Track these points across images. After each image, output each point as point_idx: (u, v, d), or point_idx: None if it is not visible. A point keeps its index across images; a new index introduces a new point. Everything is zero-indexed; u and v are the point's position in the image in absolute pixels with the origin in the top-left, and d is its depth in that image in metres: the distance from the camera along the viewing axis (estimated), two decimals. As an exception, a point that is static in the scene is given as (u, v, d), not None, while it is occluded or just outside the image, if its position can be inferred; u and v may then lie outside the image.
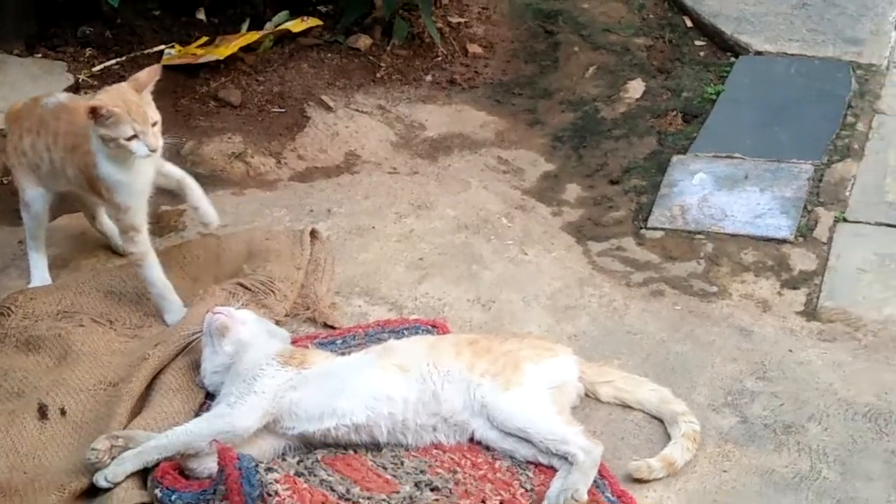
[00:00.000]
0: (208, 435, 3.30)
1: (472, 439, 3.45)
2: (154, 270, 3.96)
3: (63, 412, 3.55)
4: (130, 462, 3.28)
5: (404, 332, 3.88)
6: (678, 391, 3.61)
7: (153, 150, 3.73)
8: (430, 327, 3.92)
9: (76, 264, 4.29)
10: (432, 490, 3.27)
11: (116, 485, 3.26)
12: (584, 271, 4.30)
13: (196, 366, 3.68)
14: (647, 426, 3.53)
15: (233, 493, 3.06)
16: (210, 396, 3.62)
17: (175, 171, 4.06)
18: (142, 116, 3.70)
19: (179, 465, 3.31)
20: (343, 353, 3.71)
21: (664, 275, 4.27)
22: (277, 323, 3.89)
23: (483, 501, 3.24)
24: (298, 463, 3.36)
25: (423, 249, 4.37)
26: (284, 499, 3.04)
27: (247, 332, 3.62)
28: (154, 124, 3.75)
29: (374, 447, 3.43)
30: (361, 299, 4.12)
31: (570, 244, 4.48)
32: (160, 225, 4.51)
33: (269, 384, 3.41)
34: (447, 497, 3.26)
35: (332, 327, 3.99)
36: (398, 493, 3.26)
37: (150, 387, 3.64)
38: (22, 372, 3.73)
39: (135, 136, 3.69)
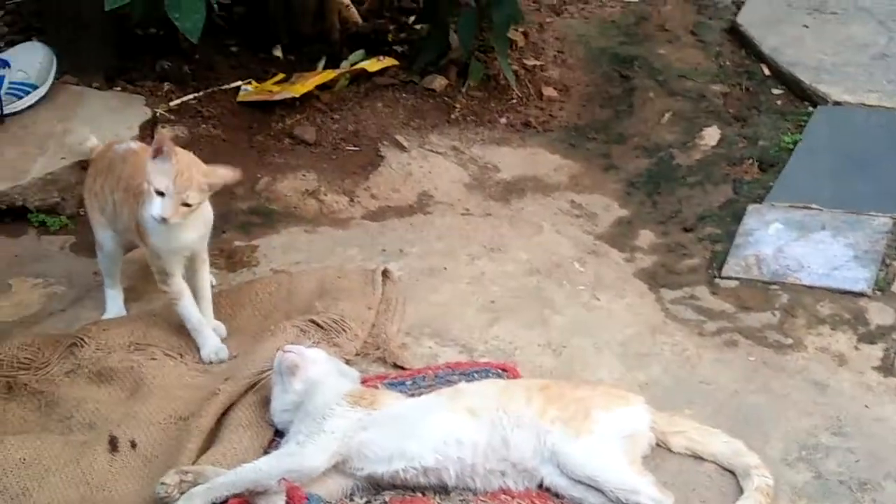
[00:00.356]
0: (277, 473, 3.29)
1: (540, 486, 3.42)
2: (188, 308, 4.00)
3: (133, 445, 3.56)
4: (199, 497, 3.27)
5: (474, 374, 3.86)
6: (751, 444, 3.54)
7: (163, 218, 3.68)
8: (500, 371, 3.89)
9: (149, 297, 4.30)
10: (490, 534, 3.26)
11: (184, 519, 3.27)
12: (656, 319, 4.26)
13: (266, 403, 3.68)
14: (720, 478, 3.48)
15: (301, 533, 3.06)
16: (279, 434, 3.62)
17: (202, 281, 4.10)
18: (183, 184, 3.68)
19: (248, 502, 3.30)
20: (413, 395, 3.70)
21: (738, 325, 4.22)
22: (347, 362, 3.88)
23: (550, 548, 3.22)
24: (366, 504, 3.35)
25: (494, 292, 4.35)
26: (352, 540, 3.02)
27: (317, 371, 3.62)
28: (186, 205, 3.71)
29: (442, 490, 3.40)
30: (432, 340, 4.10)
31: (642, 291, 4.44)
32: (233, 261, 4.53)
33: (338, 424, 3.40)
34: (514, 543, 3.23)
35: (402, 368, 3.96)
36: (460, 536, 3.25)
37: (219, 422, 3.64)
38: (94, 403, 3.76)
39: (161, 194, 3.66)
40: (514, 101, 5.75)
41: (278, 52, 6.07)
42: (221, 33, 6.07)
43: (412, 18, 6.34)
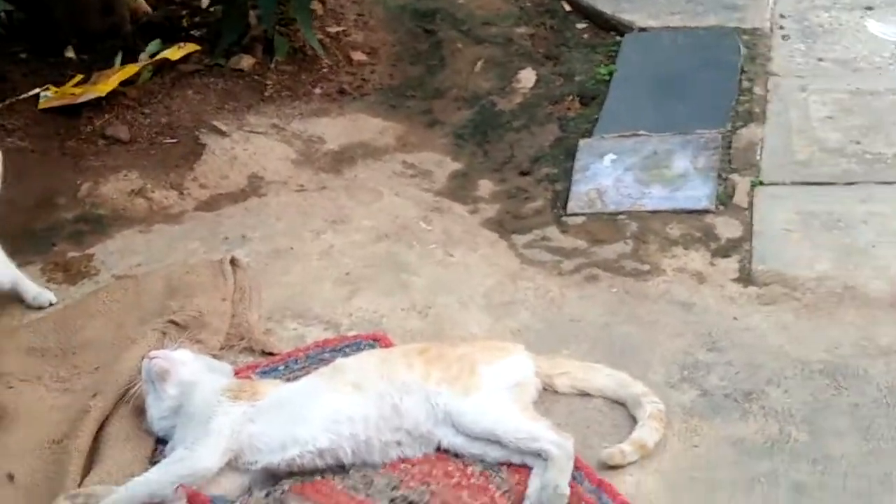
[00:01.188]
0: (171, 481, 3.18)
1: (439, 448, 3.38)
2: None
3: (11, 478, 3.39)
4: (95, 520, 3.15)
5: (346, 349, 3.80)
6: (633, 373, 3.57)
7: None
8: (371, 341, 3.84)
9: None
10: (409, 504, 3.21)
11: (82, 547, 3.13)
12: (513, 265, 4.26)
13: (140, 412, 3.54)
14: (611, 412, 3.50)
15: (210, 538, 2.96)
16: (161, 441, 3.49)
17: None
18: None
19: (145, 516, 3.19)
20: (289, 379, 3.62)
21: (594, 259, 4.24)
22: (214, 357, 3.77)
23: (463, 509, 3.18)
24: (266, 496, 3.25)
25: (347, 264, 4.28)
26: (266, 536, 2.94)
27: (188, 372, 3.50)
28: None
29: (341, 469, 3.34)
30: (295, 322, 4.02)
31: (493, 240, 4.43)
32: (70, 273, 4.35)
33: (224, 422, 3.30)
34: (426, 510, 3.19)
35: (272, 354, 3.87)
36: (376, 513, 3.19)
37: (96, 440, 3.50)
38: (-43, 442, 3.57)
39: None
40: (325, 70, 5.67)
41: (71, 53, 5.87)
42: (5, 41, 5.81)
43: (205, 1, 6.18)
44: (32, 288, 4.14)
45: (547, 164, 4.86)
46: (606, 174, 4.65)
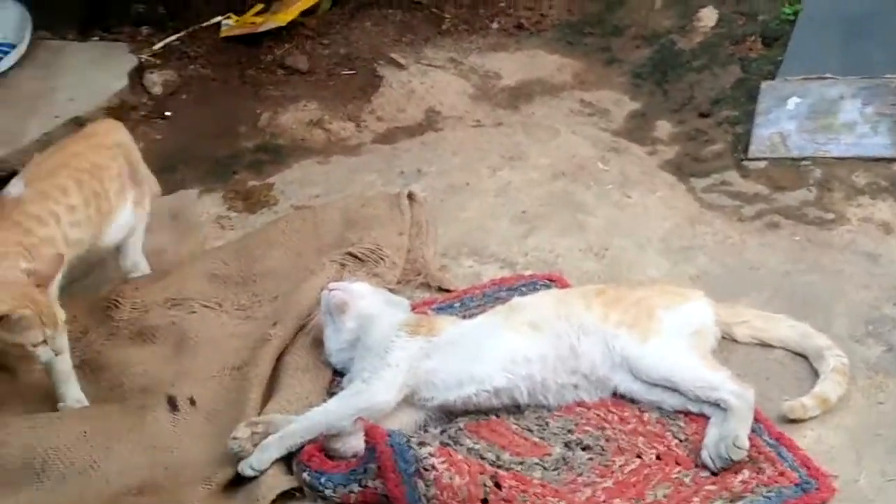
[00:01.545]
0: (349, 414, 3.22)
1: (615, 394, 3.36)
2: None
3: (193, 402, 3.47)
4: (274, 448, 3.20)
5: (522, 288, 3.80)
6: (815, 325, 3.49)
7: (59, 355, 3.32)
8: (547, 281, 3.83)
9: (175, 250, 4.19)
10: (584, 449, 3.20)
11: (262, 472, 3.18)
12: (692, 209, 4.19)
13: (318, 344, 3.60)
14: (791, 364, 3.43)
15: (387, 471, 2.98)
16: (338, 373, 3.54)
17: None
18: (52, 319, 3.20)
19: (322, 446, 3.23)
20: (465, 316, 3.63)
21: (776, 206, 4.15)
22: (390, 291, 3.80)
23: (639, 456, 3.16)
24: (441, 433, 3.28)
25: (523, 202, 4.27)
26: (442, 473, 2.94)
27: (367, 306, 3.53)
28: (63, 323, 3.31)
29: (516, 410, 3.34)
30: (471, 259, 4.03)
31: (671, 182, 4.36)
32: (251, 201, 4.42)
33: (401, 356, 3.33)
34: (601, 454, 3.18)
35: (447, 290, 3.89)
36: (550, 455, 3.19)
37: (275, 368, 3.55)
38: (141, 365, 3.65)
39: (43, 342, 3.22)
40: (503, 4, 5.63)
41: (251, -19, 5.90)
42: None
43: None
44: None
45: (727, 106, 4.76)
46: (789, 118, 4.54)
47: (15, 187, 3.44)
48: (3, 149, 4.60)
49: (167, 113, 4.97)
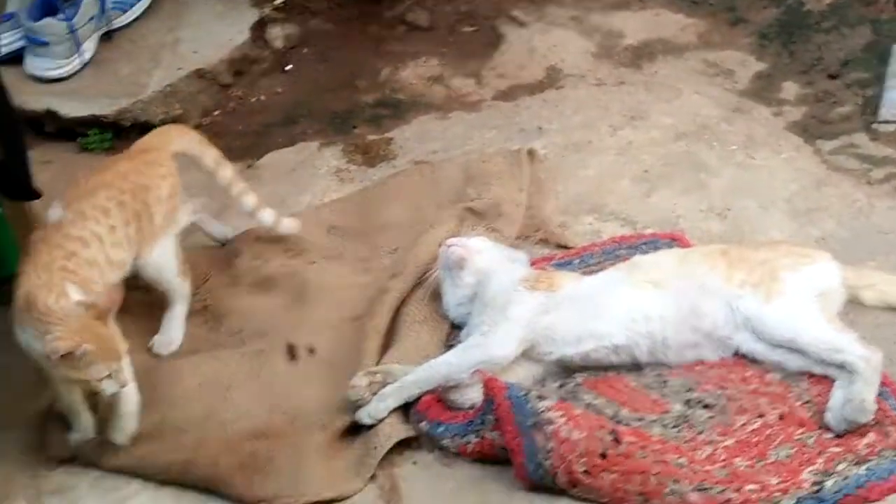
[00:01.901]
0: (468, 366, 3.22)
1: (736, 353, 3.31)
2: None
3: (312, 351, 3.50)
4: (392, 397, 3.21)
5: (642, 246, 3.75)
6: (945, 290, 3.42)
7: (124, 387, 3.15)
8: (669, 240, 3.78)
9: (293, 201, 4.21)
10: (704, 407, 3.16)
11: (379, 421, 3.21)
12: (818, 171, 4.10)
13: (436, 297, 3.60)
14: (920, 329, 3.36)
15: (505, 424, 2.98)
16: (455, 327, 3.54)
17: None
18: (115, 353, 3.07)
19: (439, 397, 3.23)
20: (584, 273, 3.59)
21: (905, 169, 4.06)
22: (509, 247, 3.78)
23: (761, 416, 3.11)
24: (560, 388, 3.26)
25: (645, 161, 4.21)
26: (560, 426, 2.93)
27: (485, 261, 3.52)
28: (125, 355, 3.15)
29: (635, 367, 3.31)
30: (590, 216, 3.99)
31: (798, 144, 4.26)
32: (369, 155, 4.41)
33: (520, 310, 3.31)
34: (722, 413, 3.13)
35: (566, 247, 3.86)
36: (669, 412, 3.15)
37: (393, 320, 3.57)
38: (262, 313, 3.70)
39: (108, 376, 3.08)
40: (626, -38, 5.53)
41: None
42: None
43: None
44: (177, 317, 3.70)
45: (857, 68, 4.63)
46: (923, 81, 4.41)
47: (55, 211, 3.29)
48: (127, 99, 4.64)
49: (288, 66, 4.98)
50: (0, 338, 3.59)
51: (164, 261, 3.52)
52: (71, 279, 3.12)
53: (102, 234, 3.26)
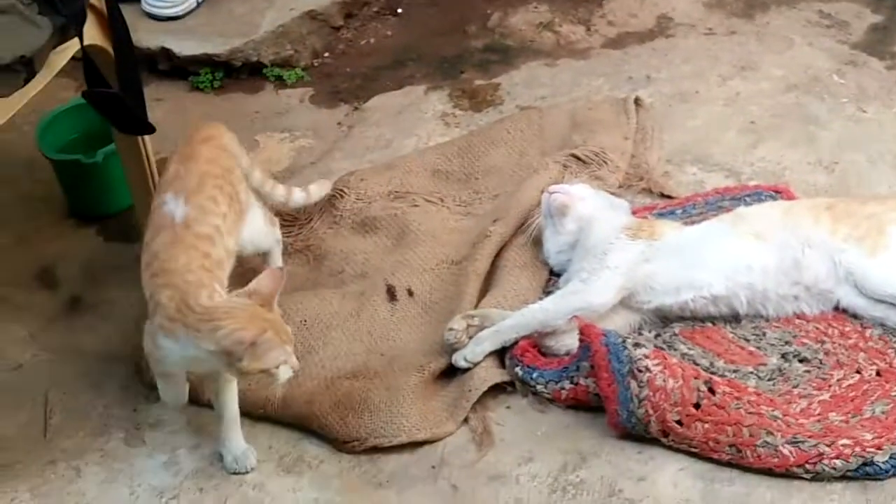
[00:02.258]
0: (565, 312, 3.23)
1: (837, 308, 3.29)
2: None
3: (411, 293, 3.53)
4: (489, 341, 3.23)
5: (746, 198, 3.72)
6: None
7: (296, 370, 2.96)
8: (773, 192, 3.74)
9: (400, 144, 4.24)
10: (801, 361, 3.15)
11: (475, 364, 3.23)
12: (931, 127, 4.04)
13: (536, 243, 3.61)
14: None
15: (601, 370, 2.99)
16: (554, 274, 3.55)
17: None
18: (288, 336, 2.92)
19: (535, 343, 3.25)
20: (686, 223, 3.57)
21: None
22: (612, 195, 3.78)
23: (858, 371, 3.10)
24: (656, 337, 3.27)
25: (753, 112, 4.17)
26: (656, 375, 2.94)
27: (588, 208, 3.52)
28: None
29: (733, 319, 3.30)
30: (695, 167, 3.96)
31: (911, 98, 4.20)
32: (476, 100, 4.43)
33: (621, 258, 3.31)
34: (818, 368, 3.12)
35: (669, 197, 3.85)
36: (765, 365, 3.15)
37: (493, 265, 3.58)
38: (362, 254, 3.73)
39: (283, 361, 2.91)
40: None
41: None
42: None
43: None
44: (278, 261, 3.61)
45: (975, 21, 4.54)
46: None
47: (176, 207, 3.13)
48: (240, 39, 4.69)
49: (398, 10, 5.00)
50: (105, 273, 3.72)
51: (254, 231, 3.42)
52: (214, 278, 3.03)
53: (220, 225, 3.16)
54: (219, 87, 4.63)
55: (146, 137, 3.54)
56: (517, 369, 3.20)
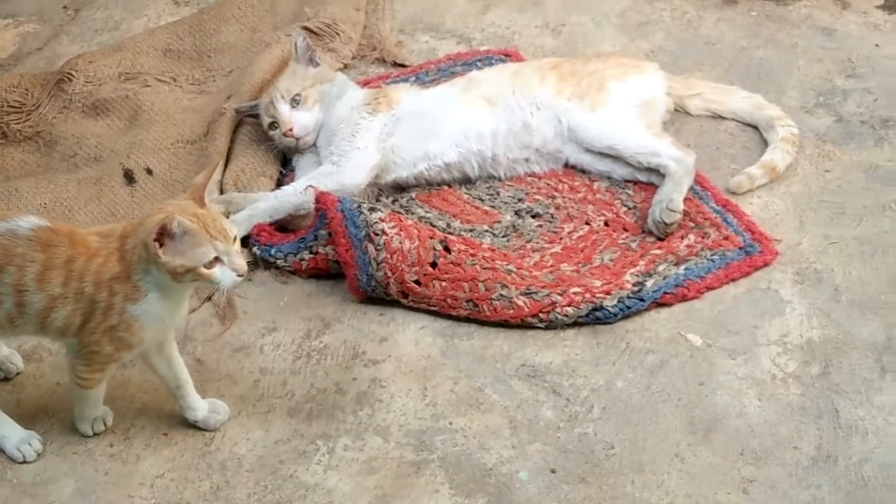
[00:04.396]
0: (319, 194, 3.23)
1: (566, 165, 3.40)
2: None
3: (150, 171, 3.48)
4: (242, 226, 3.18)
5: (477, 63, 3.79)
6: (767, 97, 3.53)
7: (241, 276, 2.57)
8: (503, 57, 3.82)
9: (128, 25, 4.15)
10: (534, 217, 3.24)
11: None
12: (649, -15, 4.16)
13: (273, 115, 3.58)
14: (742, 134, 3.47)
15: (338, 236, 3.02)
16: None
17: None
18: (223, 232, 2.53)
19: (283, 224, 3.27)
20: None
21: (735, -20, 4.12)
22: (345, 66, 3.81)
23: (587, 223, 3.21)
24: (393, 203, 3.32)
25: (480, -22, 4.23)
26: (392, 237, 2.98)
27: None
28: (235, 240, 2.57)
29: (467, 181, 3.38)
30: (427, 35, 4.01)
31: (630, -40, 4.31)
32: (197, -23, 4.35)
33: (368, 137, 3.33)
34: (550, 222, 3.23)
35: (402, 65, 3.88)
36: (500, 222, 3.24)
37: (231, 141, 3.55)
38: (95, 137, 3.65)
39: (217, 260, 2.53)
40: None
41: None
42: None
43: None
44: None
45: None
46: None
47: None
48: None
49: None
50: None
51: None
52: None
53: None
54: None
55: None
56: (255, 249, 3.18)
